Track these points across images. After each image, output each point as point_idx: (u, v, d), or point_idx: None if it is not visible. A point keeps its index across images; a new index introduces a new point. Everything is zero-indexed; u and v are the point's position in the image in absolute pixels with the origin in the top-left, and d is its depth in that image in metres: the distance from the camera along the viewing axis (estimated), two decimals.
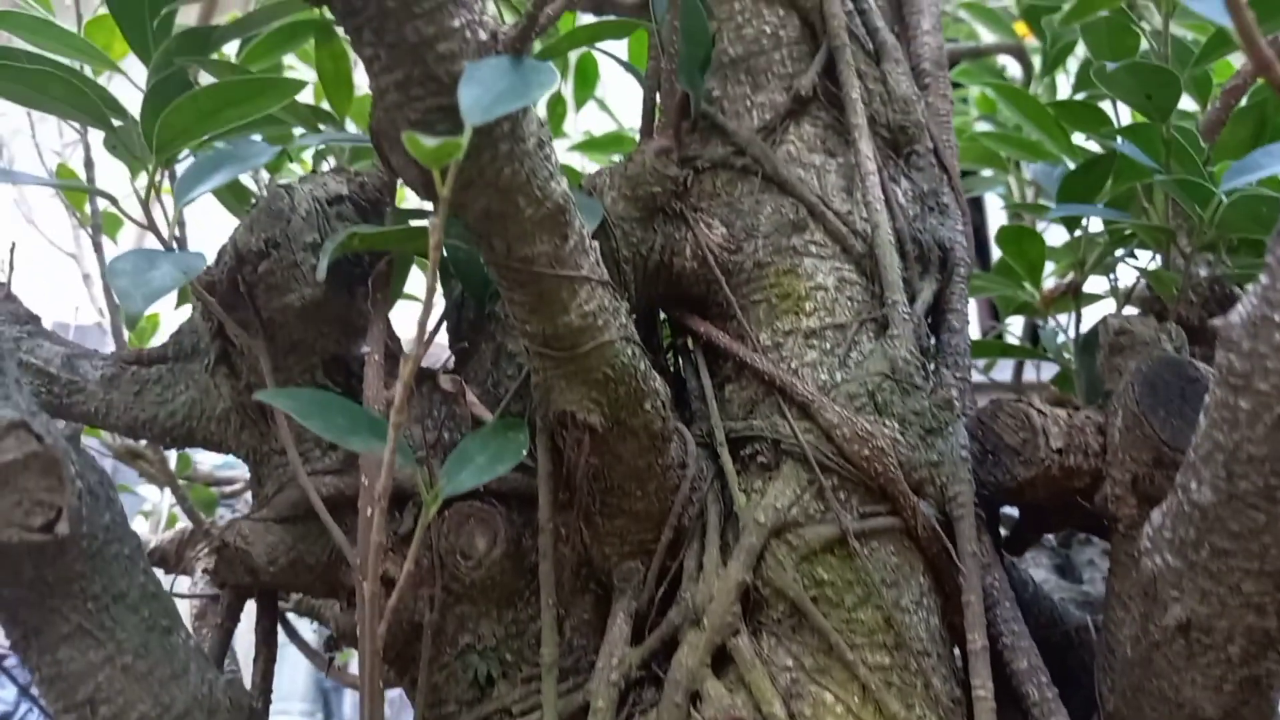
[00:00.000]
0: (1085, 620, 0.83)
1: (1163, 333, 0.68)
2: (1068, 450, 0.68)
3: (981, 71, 1.46)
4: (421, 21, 0.45)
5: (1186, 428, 0.62)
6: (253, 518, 0.64)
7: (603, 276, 0.56)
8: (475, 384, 0.69)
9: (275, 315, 0.65)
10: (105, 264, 1.10)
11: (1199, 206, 0.70)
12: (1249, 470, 0.49)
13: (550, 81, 0.48)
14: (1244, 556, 0.52)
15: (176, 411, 0.69)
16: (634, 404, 0.59)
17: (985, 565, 0.67)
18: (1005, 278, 1.07)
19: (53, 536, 0.47)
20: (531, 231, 0.52)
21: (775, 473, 0.64)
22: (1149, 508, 0.64)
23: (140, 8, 0.79)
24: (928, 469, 0.64)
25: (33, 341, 0.70)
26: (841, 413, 0.63)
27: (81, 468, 0.51)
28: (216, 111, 0.60)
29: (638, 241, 0.70)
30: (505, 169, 0.49)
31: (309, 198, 0.65)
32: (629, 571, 0.64)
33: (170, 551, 1.03)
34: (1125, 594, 0.66)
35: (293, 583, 0.66)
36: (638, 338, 0.59)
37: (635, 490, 0.63)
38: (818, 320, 0.70)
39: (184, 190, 0.63)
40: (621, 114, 1.75)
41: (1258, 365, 0.47)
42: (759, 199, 0.74)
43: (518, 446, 0.55)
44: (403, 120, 0.48)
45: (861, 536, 0.62)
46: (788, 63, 0.79)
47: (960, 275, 0.79)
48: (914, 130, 0.79)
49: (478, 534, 0.62)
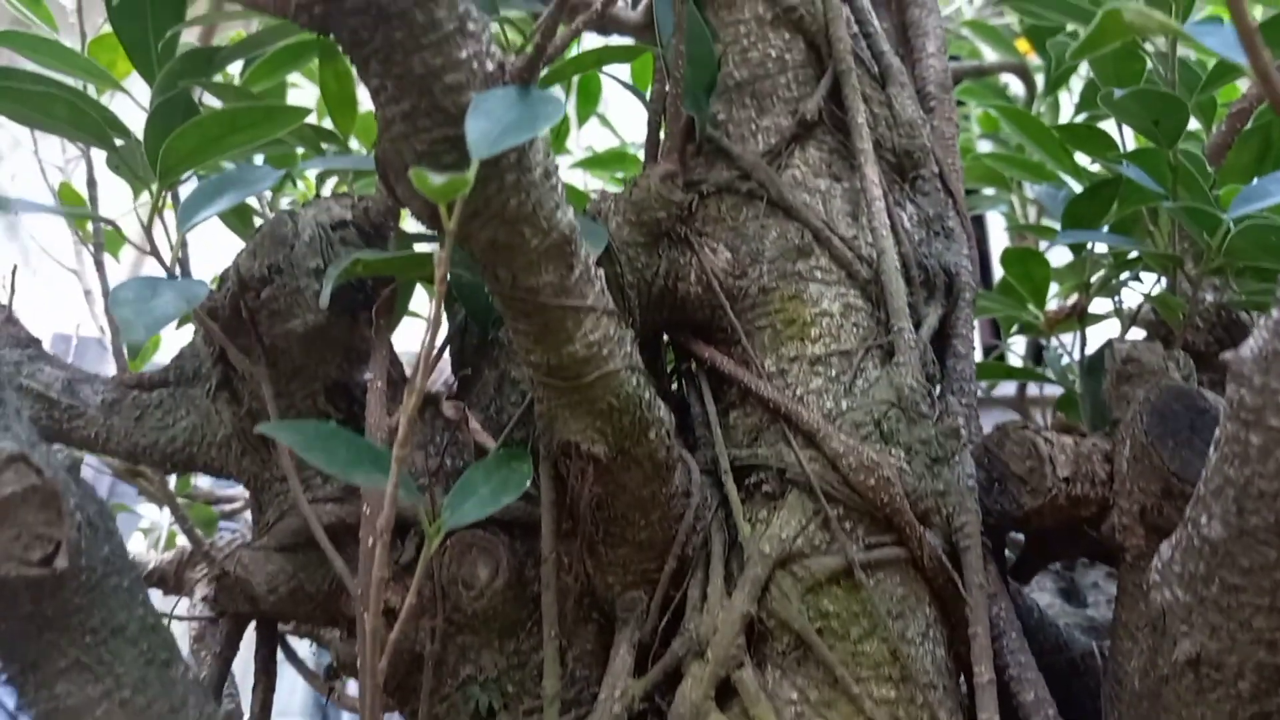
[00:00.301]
0: (1091, 646, 0.83)
1: (1170, 360, 0.68)
2: (1075, 479, 0.67)
3: (984, 90, 1.46)
4: (429, 53, 0.45)
5: (1196, 458, 0.61)
6: (253, 546, 0.63)
7: (608, 305, 0.56)
8: (478, 410, 0.68)
9: (278, 341, 0.65)
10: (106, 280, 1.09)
11: (1207, 234, 0.69)
12: (1260, 506, 0.49)
13: (557, 113, 0.47)
14: (1254, 592, 0.51)
15: (177, 437, 0.68)
16: (638, 433, 0.58)
17: (991, 595, 0.66)
18: (1009, 297, 1.07)
19: (51, 571, 0.47)
20: (537, 262, 0.52)
21: (780, 502, 0.64)
22: (1157, 538, 0.64)
23: (144, 29, 0.79)
24: (934, 499, 0.63)
25: (34, 366, 0.70)
26: (847, 441, 0.63)
27: (80, 499, 0.51)
28: (220, 137, 0.60)
29: (642, 266, 0.70)
30: (511, 200, 0.49)
31: (312, 223, 0.65)
32: (632, 601, 0.64)
33: (169, 572, 1.02)
34: (1133, 624, 0.66)
35: (293, 612, 0.65)
36: (642, 366, 0.59)
37: (639, 519, 0.62)
38: (823, 347, 0.69)
39: (186, 216, 0.63)
40: (624, 130, 1.75)
41: (1269, 400, 0.47)
42: (764, 224, 0.74)
43: (521, 478, 0.54)
44: (409, 151, 0.48)
45: (867, 568, 0.61)
46: (793, 86, 0.79)
47: (966, 300, 0.78)
48: (919, 154, 0.78)
49: (480, 564, 0.62)
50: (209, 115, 0.59)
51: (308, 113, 0.60)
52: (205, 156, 0.61)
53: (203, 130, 0.59)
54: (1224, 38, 0.39)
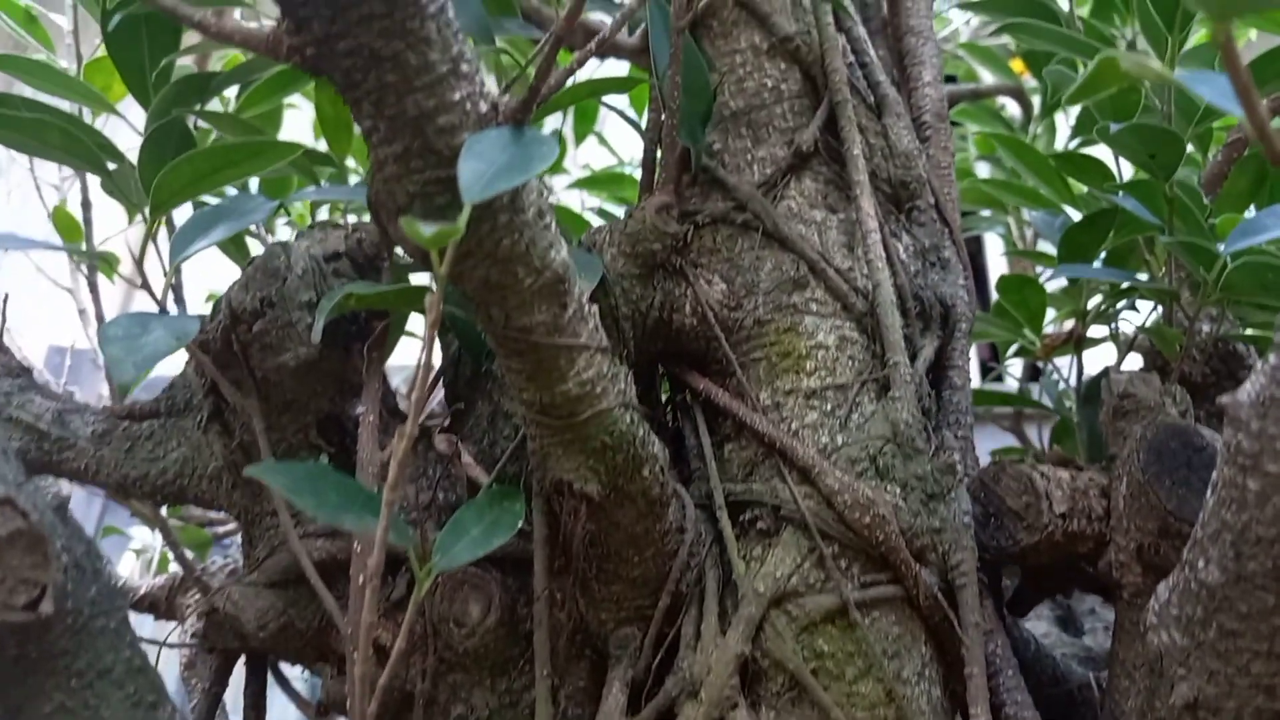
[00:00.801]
0: (1088, 678, 0.82)
1: (1167, 396, 0.67)
2: (1071, 514, 0.67)
3: (981, 113, 1.46)
4: (421, 95, 0.45)
5: (1193, 497, 0.61)
6: (243, 582, 0.63)
7: (601, 343, 0.55)
8: (471, 443, 0.68)
9: (269, 374, 0.64)
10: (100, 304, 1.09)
11: (1203, 269, 0.69)
12: (1258, 552, 0.49)
13: (550, 155, 0.47)
14: (1253, 637, 0.51)
15: (168, 469, 0.68)
16: (632, 470, 0.58)
17: (988, 632, 0.66)
18: (1005, 320, 1.06)
19: (36, 615, 0.46)
20: (530, 301, 0.51)
21: (775, 539, 0.63)
22: (1154, 576, 0.63)
23: (139, 54, 0.78)
24: (930, 536, 0.63)
25: (24, 396, 0.69)
26: (842, 478, 0.62)
27: (68, 540, 0.50)
28: (214, 172, 0.60)
29: (637, 298, 0.70)
30: (504, 240, 0.49)
31: (305, 255, 0.65)
32: (625, 638, 0.63)
33: (160, 598, 1.02)
34: (1130, 663, 0.65)
35: (283, 647, 0.64)
36: (636, 403, 0.58)
37: (632, 556, 0.62)
38: (818, 380, 0.69)
39: (179, 248, 0.63)
40: (622, 148, 1.75)
41: (1267, 446, 0.47)
42: (759, 255, 0.74)
43: (513, 518, 0.54)
44: (401, 192, 0.47)
45: (863, 607, 0.61)
46: (789, 116, 0.79)
47: (962, 331, 0.78)
48: (915, 185, 0.78)
49: (472, 601, 0.61)
50: (201, 151, 0.59)
51: (301, 149, 0.60)
52: (197, 191, 0.61)
53: (195, 166, 0.59)
54: (1218, 87, 0.39)
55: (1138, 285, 0.82)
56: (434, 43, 0.44)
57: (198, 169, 0.59)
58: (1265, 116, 0.35)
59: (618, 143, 1.74)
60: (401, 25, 0.43)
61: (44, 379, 1.63)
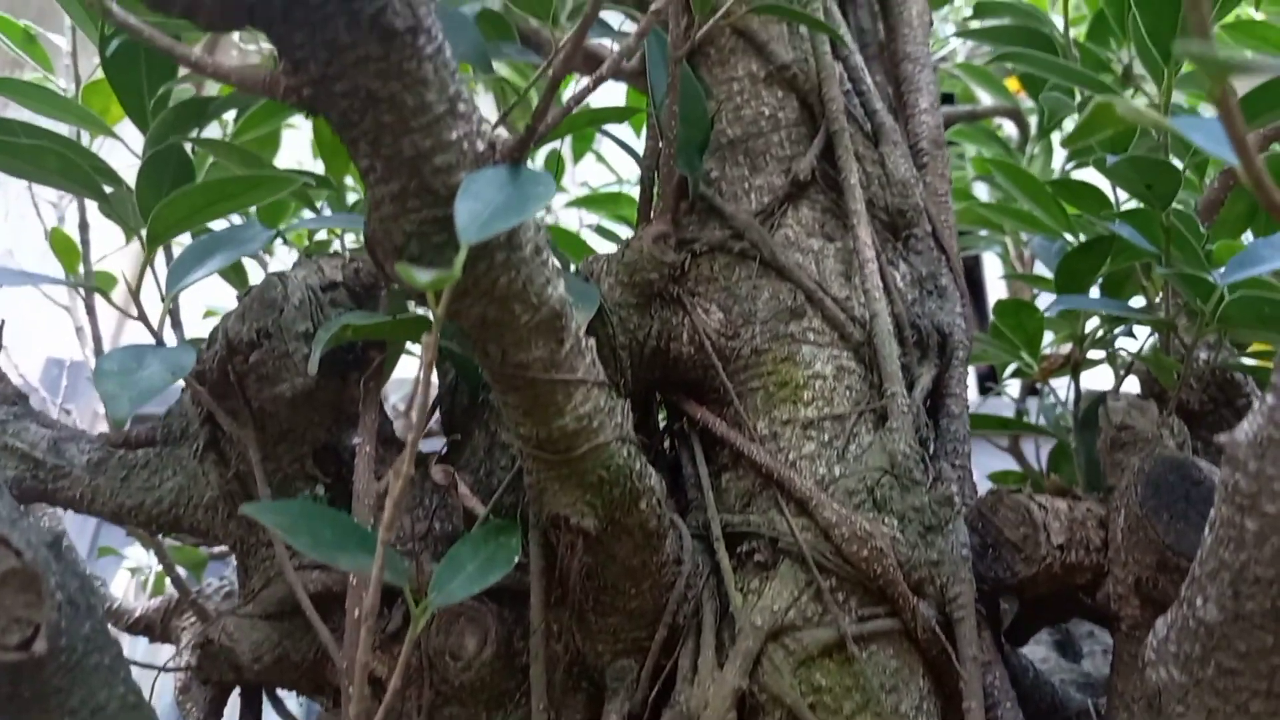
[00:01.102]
0: (1086, 704, 0.82)
1: (1165, 428, 0.67)
2: (1069, 546, 0.67)
3: (978, 134, 1.47)
4: (418, 135, 0.45)
5: (1190, 531, 0.61)
6: (238, 613, 0.63)
7: (599, 378, 0.55)
8: (468, 473, 0.67)
9: (266, 405, 0.64)
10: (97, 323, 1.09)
11: (1200, 300, 0.69)
12: (1256, 591, 0.48)
13: (548, 194, 0.47)
14: (1251, 676, 0.51)
15: (163, 499, 0.68)
16: (629, 504, 0.58)
17: (986, 664, 0.66)
18: (1002, 341, 1.06)
19: (29, 655, 0.46)
20: (527, 337, 0.51)
21: (772, 571, 0.63)
22: (1153, 609, 0.63)
23: (138, 81, 0.79)
24: (927, 568, 0.63)
25: (19, 424, 0.69)
26: (840, 511, 0.62)
27: (62, 576, 0.50)
28: (210, 204, 0.60)
29: (635, 327, 0.70)
30: (501, 278, 0.49)
31: (302, 285, 0.65)
32: (622, 670, 0.63)
33: (155, 621, 1.01)
34: (1129, 695, 0.65)
35: (278, 680, 0.64)
36: (633, 436, 0.58)
37: (629, 588, 0.62)
38: (815, 410, 0.69)
39: (175, 279, 0.63)
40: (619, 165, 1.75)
41: (1265, 487, 0.47)
42: (757, 284, 0.74)
43: (509, 553, 0.54)
44: (398, 231, 0.47)
45: (860, 640, 0.61)
46: (786, 145, 0.79)
47: (959, 359, 0.78)
48: (912, 214, 0.78)
49: (468, 634, 0.61)
50: (198, 185, 0.59)
51: (297, 182, 0.60)
52: (194, 223, 0.61)
53: (191, 199, 0.58)
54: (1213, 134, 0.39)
55: (1135, 318, 0.82)
56: (431, 83, 0.44)
57: (194, 202, 0.59)
58: (1262, 169, 0.35)
59: (616, 160, 1.74)
60: (398, 67, 0.43)
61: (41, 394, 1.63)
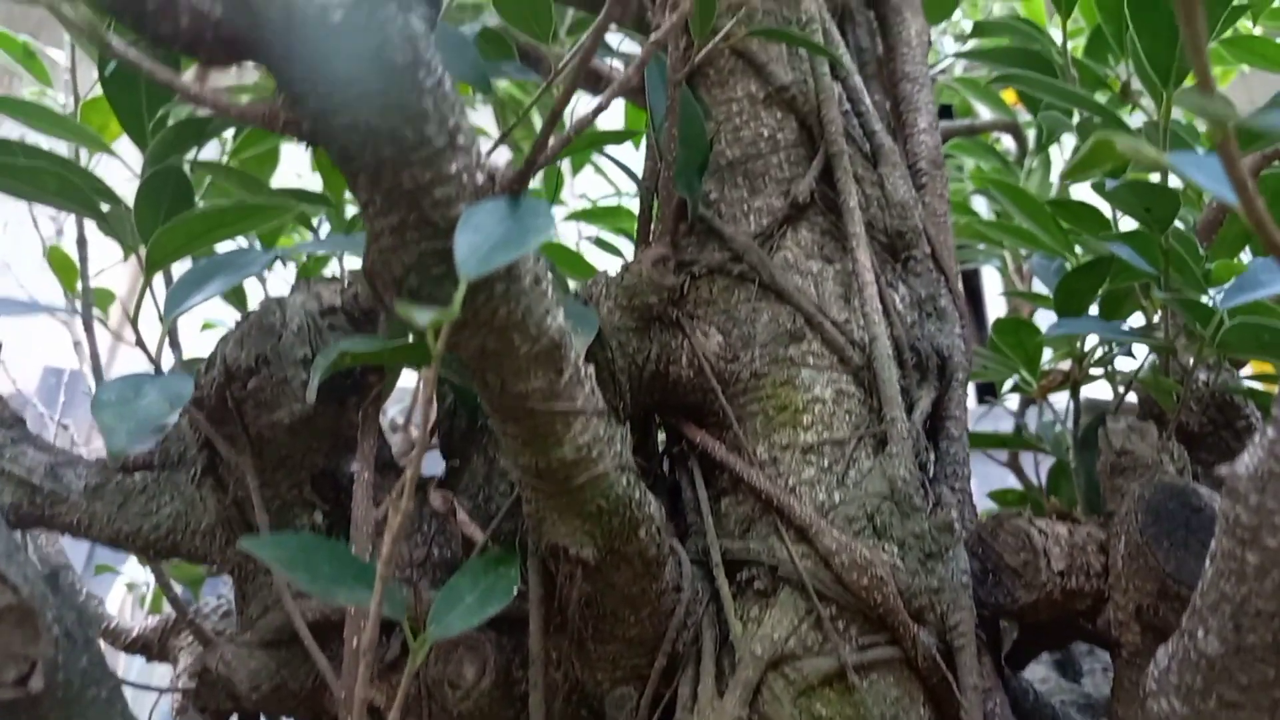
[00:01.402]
0: None
1: (1165, 453, 0.67)
2: (1070, 572, 0.67)
3: (976, 147, 1.47)
4: (418, 168, 0.45)
5: (1191, 559, 0.61)
6: (236, 642, 0.62)
7: (598, 407, 0.55)
8: (466, 498, 0.67)
9: (264, 431, 0.64)
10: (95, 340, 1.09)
11: (1200, 324, 0.69)
12: (1257, 624, 0.48)
13: (548, 227, 0.47)
14: (1253, 709, 0.50)
15: (161, 524, 0.67)
16: (628, 533, 0.58)
17: (986, 690, 0.65)
18: (1001, 356, 1.06)
19: (25, 691, 0.45)
20: (526, 368, 0.51)
21: (772, 599, 0.63)
22: (1154, 636, 0.63)
23: (137, 101, 0.79)
24: (928, 596, 0.62)
25: (16, 449, 0.69)
26: (840, 538, 0.62)
27: (59, 609, 0.50)
28: (208, 231, 0.60)
29: (634, 351, 0.70)
30: (501, 309, 0.49)
31: (301, 311, 0.65)
32: (621, 698, 0.63)
33: (153, 640, 1.01)
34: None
35: (276, 709, 0.64)
36: (633, 464, 0.58)
37: (629, 616, 0.61)
38: (815, 435, 0.69)
39: (173, 304, 0.62)
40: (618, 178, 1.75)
41: (1266, 520, 0.46)
42: (756, 307, 0.74)
43: (508, 584, 0.53)
44: (398, 263, 0.47)
45: (861, 669, 0.60)
46: (785, 166, 0.79)
47: (959, 381, 0.78)
48: (911, 236, 0.78)
49: (466, 662, 0.61)
50: (196, 214, 0.59)
51: (295, 209, 0.60)
52: (190, 250, 0.60)
53: (189, 227, 0.58)
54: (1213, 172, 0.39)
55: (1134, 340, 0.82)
56: (431, 117, 0.44)
57: (192, 229, 0.59)
58: (1264, 211, 0.35)
59: (614, 173, 1.74)
60: (398, 101, 0.43)
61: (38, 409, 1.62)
